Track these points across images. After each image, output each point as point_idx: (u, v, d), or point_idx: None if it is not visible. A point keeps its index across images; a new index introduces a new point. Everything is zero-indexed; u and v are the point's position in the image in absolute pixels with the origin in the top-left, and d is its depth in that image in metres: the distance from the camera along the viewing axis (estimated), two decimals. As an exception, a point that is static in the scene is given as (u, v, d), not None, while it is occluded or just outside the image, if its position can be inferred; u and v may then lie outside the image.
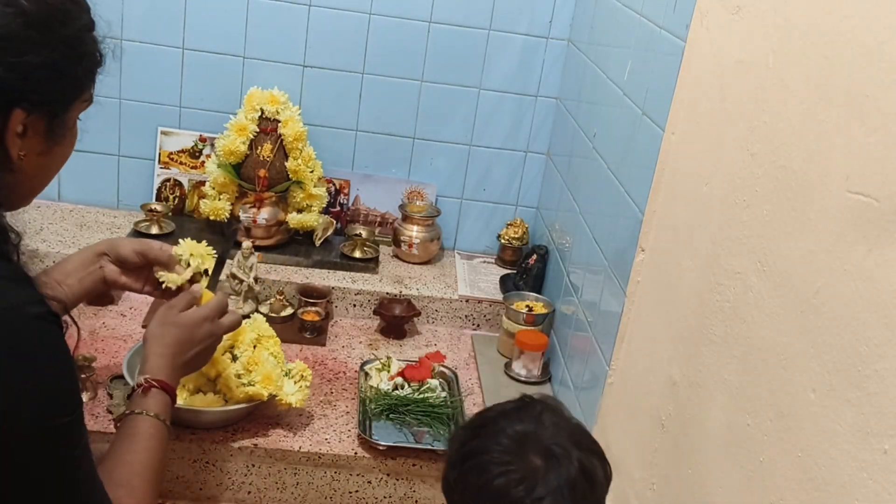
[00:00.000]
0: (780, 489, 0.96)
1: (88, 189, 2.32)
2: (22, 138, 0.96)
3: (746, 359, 1.08)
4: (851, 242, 0.88)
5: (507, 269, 2.35)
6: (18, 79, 0.93)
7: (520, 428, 1.00)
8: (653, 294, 1.43)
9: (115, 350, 1.84)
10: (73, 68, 1.00)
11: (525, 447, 0.97)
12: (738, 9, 1.21)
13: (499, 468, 0.96)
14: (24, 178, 0.99)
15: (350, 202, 2.39)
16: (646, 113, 1.53)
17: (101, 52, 1.06)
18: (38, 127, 0.98)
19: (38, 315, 0.92)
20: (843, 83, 0.93)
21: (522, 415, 1.03)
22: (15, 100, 0.94)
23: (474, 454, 0.99)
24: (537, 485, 0.94)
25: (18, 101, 0.94)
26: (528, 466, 0.96)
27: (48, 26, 0.96)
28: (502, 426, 1.01)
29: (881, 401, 0.81)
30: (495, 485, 0.95)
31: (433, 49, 2.26)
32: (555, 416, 1.03)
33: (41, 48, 0.95)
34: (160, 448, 1.19)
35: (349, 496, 1.69)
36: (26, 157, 0.97)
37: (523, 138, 2.36)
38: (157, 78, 2.24)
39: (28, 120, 0.95)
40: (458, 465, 1.01)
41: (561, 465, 0.96)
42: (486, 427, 1.03)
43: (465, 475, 0.99)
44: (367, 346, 2.04)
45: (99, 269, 1.42)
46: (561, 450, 0.97)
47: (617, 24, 1.80)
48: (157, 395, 1.23)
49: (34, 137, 0.98)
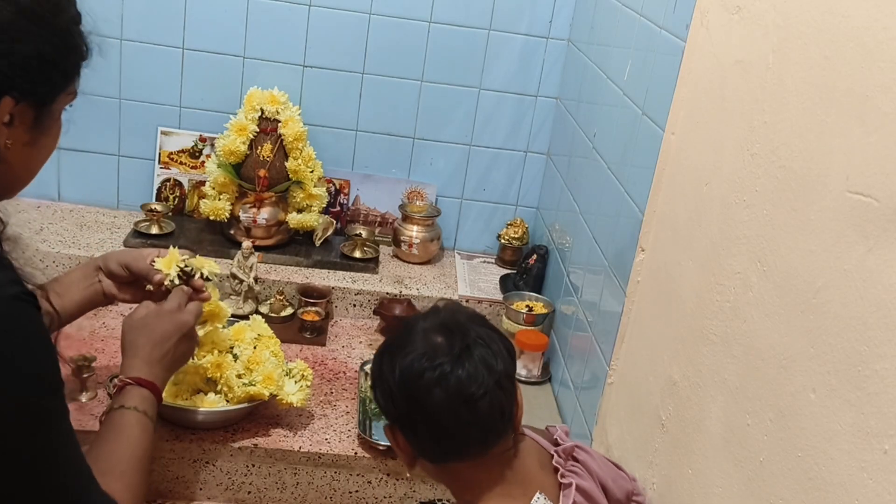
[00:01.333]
0: (780, 489, 0.96)
1: (88, 189, 2.32)
2: (9, 127, 0.96)
3: (746, 359, 1.08)
4: (851, 242, 0.88)
5: (507, 269, 2.35)
6: (9, 67, 0.93)
7: (421, 323, 1.14)
8: (653, 294, 1.43)
9: (115, 350, 1.83)
10: (62, 59, 1.00)
11: (427, 333, 1.11)
12: (738, 9, 1.21)
13: (404, 352, 1.10)
14: (9, 169, 1.00)
15: (350, 202, 2.39)
16: (646, 113, 1.53)
17: (87, 46, 1.06)
18: (26, 117, 0.98)
19: (14, 296, 0.93)
20: (843, 83, 0.93)
21: (424, 314, 1.18)
22: (4, 88, 0.94)
23: (386, 351, 1.14)
24: (437, 355, 1.08)
25: (8, 89, 0.94)
26: (429, 344, 1.09)
27: (39, 16, 0.96)
28: (407, 323, 1.16)
29: (881, 401, 0.81)
30: (403, 365, 1.09)
31: (433, 49, 2.26)
32: (453, 306, 1.18)
33: (32, 38, 0.95)
34: (144, 438, 1.20)
35: (349, 496, 1.69)
36: (12, 147, 0.98)
37: (523, 138, 2.36)
38: (157, 78, 2.24)
39: (16, 109, 0.96)
40: (375, 364, 1.16)
41: (456, 337, 1.09)
42: (396, 331, 1.18)
43: (380, 369, 1.13)
44: (367, 346, 2.04)
45: (98, 282, 1.44)
46: (456, 326, 1.11)
47: (617, 24, 1.80)
48: (132, 390, 1.24)
49: (20, 127, 0.98)
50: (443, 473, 1.18)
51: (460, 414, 1.08)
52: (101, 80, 2.23)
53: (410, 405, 1.10)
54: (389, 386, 1.11)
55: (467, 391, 1.07)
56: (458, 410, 1.07)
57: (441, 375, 1.07)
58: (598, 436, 1.60)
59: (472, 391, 1.07)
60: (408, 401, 1.10)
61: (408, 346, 1.11)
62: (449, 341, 1.09)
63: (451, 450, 1.13)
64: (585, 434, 1.65)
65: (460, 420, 1.08)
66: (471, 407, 1.07)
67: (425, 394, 1.08)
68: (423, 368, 1.07)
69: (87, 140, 2.28)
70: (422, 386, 1.08)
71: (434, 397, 1.07)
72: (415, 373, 1.08)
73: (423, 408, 1.09)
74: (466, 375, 1.07)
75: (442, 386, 1.07)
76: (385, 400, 1.14)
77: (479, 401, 1.07)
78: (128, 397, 1.23)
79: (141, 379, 1.26)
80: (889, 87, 0.85)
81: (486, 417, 1.09)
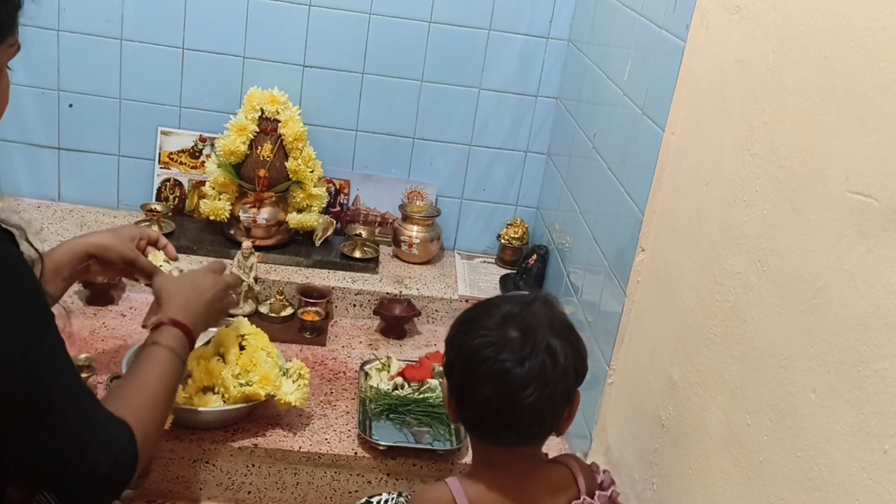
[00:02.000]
0: (780, 489, 0.96)
1: (88, 189, 2.32)
2: None
3: (746, 359, 1.08)
4: (851, 242, 0.88)
5: (507, 269, 2.35)
6: None
7: (510, 308, 1.14)
8: (653, 294, 1.43)
9: (115, 350, 1.84)
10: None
11: (508, 322, 1.12)
12: (738, 9, 1.21)
13: (480, 332, 1.12)
14: None
15: (350, 202, 2.39)
16: (646, 113, 1.53)
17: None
18: None
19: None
20: (843, 83, 0.93)
21: (517, 299, 1.17)
22: None
23: (468, 321, 1.16)
24: (505, 349, 1.09)
25: None
26: (504, 335, 1.10)
27: None
28: (497, 303, 1.17)
29: (881, 401, 0.81)
30: (472, 344, 1.11)
31: (433, 49, 2.26)
32: (546, 306, 1.16)
33: None
34: (169, 377, 1.23)
35: (349, 496, 1.69)
36: None
37: (523, 138, 2.36)
38: (157, 78, 2.24)
39: None
40: (454, 327, 1.17)
41: (529, 341, 1.09)
42: (486, 304, 1.18)
43: (455, 335, 1.16)
44: (367, 346, 2.04)
45: (84, 268, 1.45)
46: (535, 329, 1.11)
47: (617, 24, 1.80)
48: (168, 330, 1.28)
49: None
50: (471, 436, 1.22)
51: (500, 411, 1.10)
52: (101, 81, 2.23)
53: (463, 381, 1.13)
54: (454, 355, 1.15)
55: (515, 395, 1.09)
56: (500, 407, 1.10)
57: (500, 371, 1.08)
58: (598, 436, 1.60)
59: (519, 396, 1.08)
60: (462, 376, 1.13)
61: (484, 327, 1.12)
62: (522, 340, 1.10)
63: (479, 430, 1.16)
64: (585, 434, 1.65)
65: (499, 415, 1.11)
66: (512, 409, 1.10)
67: (479, 380, 1.10)
68: (486, 357, 1.09)
69: (87, 140, 2.28)
70: (478, 371, 1.10)
71: (484, 388, 1.10)
72: (478, 357, 1.10)
73: (471, 390, 1.12)
74: (521, 381, 1.08)
75: (494, 381, 1.09)
76: (448, 363, 1.17)
77: (522, 407, 1.09)
78: (163, 336, 1.27)
79: (177, 321, 1.30)
80: (889, 87, 0.85)
81: (523, 423, 1.12)
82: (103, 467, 1.03)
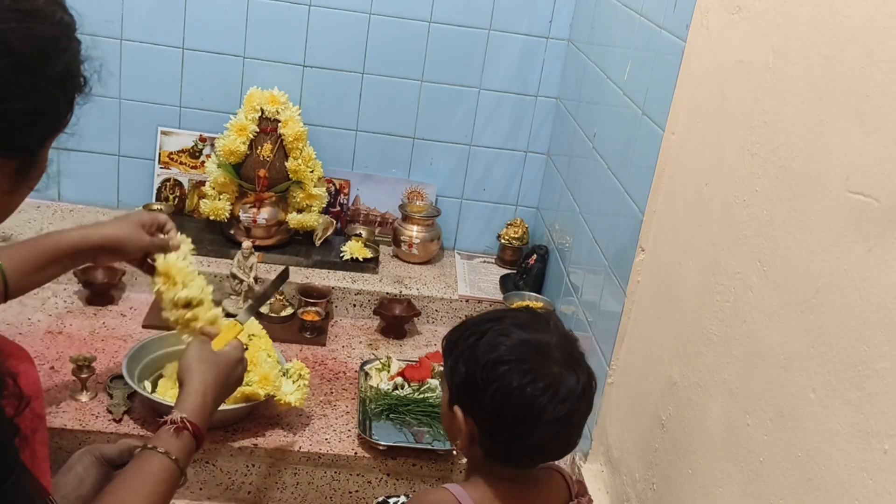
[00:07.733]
0: (780, 489, 0.96)
1: (88, 189, 2.32)
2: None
3: (746, 359, 1.08)
4: (851, 242, 0.88)
5: (507, 269, 2.35)
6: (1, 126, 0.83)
7: (541, 337, 1.09)
8: (653, 294, 1.43)
9: (115, 350, 1.84)
10: (56, 106, 0.90)
11: (544, 354, 1.07)
12: (738, 9, 1.21)
13: (498, 349, 1.07)
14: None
15: (350, 202, 2.39)
16: (646, 113, 1.53)
17: (85, 78, 0.94)
18: (8, 168, 0.88)
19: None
20: (843, 83, 0.93)
21: (537, 325, 1.11)
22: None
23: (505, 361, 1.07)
24: (557, 396, 1.05)
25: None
26: (552, 379, 1.06)
27: (38, 66, 0.85)
28: (518, 335, 1.09)
29: (881, 401, 0.81)
30: (526, 393, 1.04)
31: (433, 49, 2.26)
32: (560, 328, 1.13)
33: (29, 93, 0.85)
34: (169, 494, 1.12)
35: (349, 496, 1.69)
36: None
37: (523, 138, 2.36)
38: (157, 78, 2.24)
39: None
40: (485, 368, 1.07)
41: (574, 373, 1.07)
42: (495, 320, 1.12)
43: (491, 379, 1.06)
44: (367, 346, 2.04)
45: (93, 257, 1.42)
46: (575, 359, 1.09)
47: (617, 24, 1.80)
48: (186, 438, 1.15)
49: (2, 178, 0.88)
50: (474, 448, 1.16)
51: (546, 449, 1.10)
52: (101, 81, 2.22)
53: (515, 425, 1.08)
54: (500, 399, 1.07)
55: (570, 440, 1.11)
56: (548, 445, 1.10)
57: (560, 417, 1.06)
58: (598, 436, 1.60)
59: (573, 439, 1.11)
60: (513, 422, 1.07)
61: (502, 345, 1.08)
62: (567, 375, 1.07)
63: (501, 457, 1.12)
64: (585, 434, 1.65)
65: (536, 451, 1.10)
66: (559, 448, 1.11)
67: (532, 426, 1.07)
68: (543, 406, 1.05)
69: (87, 140, 2.26)
70: (537, 420, 1.06)
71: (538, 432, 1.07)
72: (535, 407, 1.05)
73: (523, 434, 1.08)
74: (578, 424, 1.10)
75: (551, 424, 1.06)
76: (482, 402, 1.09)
77: (567, 444, 1.11)
78: (177, 445, 1.13)
79: (199, 429, 1.17)
80: (889, 87, 0.85)
81: (555, 455, 1.13)
82: None
